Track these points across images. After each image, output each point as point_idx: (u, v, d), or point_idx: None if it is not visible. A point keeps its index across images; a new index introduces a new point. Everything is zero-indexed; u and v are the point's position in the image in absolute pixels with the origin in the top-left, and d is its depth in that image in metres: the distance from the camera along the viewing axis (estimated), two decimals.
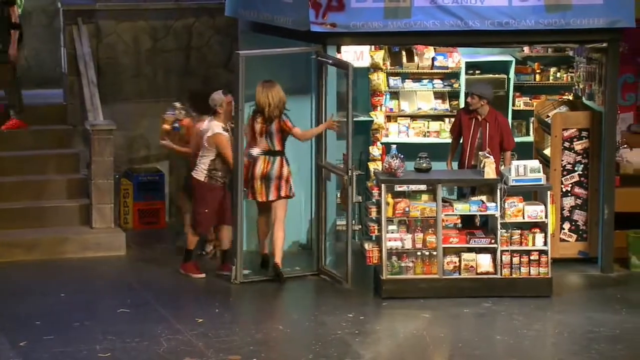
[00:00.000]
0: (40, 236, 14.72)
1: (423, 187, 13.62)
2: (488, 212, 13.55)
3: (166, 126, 14.38)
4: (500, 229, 13.44)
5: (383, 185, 13.48)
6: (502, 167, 13.77)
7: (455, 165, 14.46)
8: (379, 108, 15.28)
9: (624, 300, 13.44)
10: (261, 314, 13.18)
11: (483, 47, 14.99)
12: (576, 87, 15.20)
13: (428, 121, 15.54)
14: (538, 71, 15.66)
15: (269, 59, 14.10)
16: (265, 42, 14.13)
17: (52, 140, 15.63)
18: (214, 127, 13.68)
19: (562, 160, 14.44)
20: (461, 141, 14.35)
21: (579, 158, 14.45)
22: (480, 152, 13.93)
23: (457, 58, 15.45)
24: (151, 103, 15.98)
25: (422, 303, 13.23)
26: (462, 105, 15.31)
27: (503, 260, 13.45)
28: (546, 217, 13.50)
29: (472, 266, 13.48)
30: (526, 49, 15.56)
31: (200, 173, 13.74)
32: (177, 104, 14.48)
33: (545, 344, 12.54)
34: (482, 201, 13.53)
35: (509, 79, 15.48)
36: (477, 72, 15.44)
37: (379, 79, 15.31)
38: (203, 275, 13.95)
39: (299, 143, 14.12)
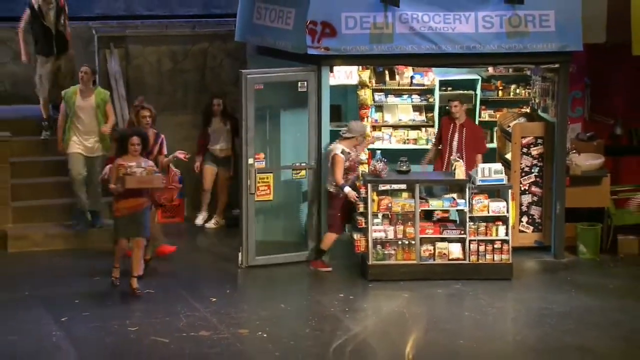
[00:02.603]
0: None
1: (403, 186, 13.66)
2: (458, 208, 13.63)
3: None
4: (469, 221, 13.49)
5: (369, 185, 13.53)
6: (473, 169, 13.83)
7: (430, 167, 14.55)
8: (365, 119, 15.31)
9: (573, 282, 13.50)
10: (266, 294, 13.19)
11: (454, 67, 14.97)
12: (533, 101, 15.22)
13: (407, 130, 15.59)
14: (500, 88, 15.69)
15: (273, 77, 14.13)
16: (269, 63, 14.15)
17: None
18: (335, 148, 13.52)
19: (521, 164, 14.46)
20: (439, 147, 14.48)
21: (535, 162, 14.48)
22: (451, 157, 14.00)
23: (432, 77, 15.48)
24: (172, 115, 16.01)
25: (402, 285, 13.28)
26: (436, 117, 15.38)
27: (471, 248, 13.51)
28: (507, 211, 13.56)
29: (444, 253, 13.52)
30: (490, 69, 15.60)
31: (329, 185, 13.59)
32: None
33: (506, 319, 12.63)
34: (454, 198, 13.59)
35: (476, 94, 15.50)
36: (449, 88, 15.46)
37: (365, 95, 15.35)
38: (330, 268, 13.71)
39: (301, 146, 14.13)
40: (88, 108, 14.08)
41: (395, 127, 15.61)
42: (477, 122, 15.44)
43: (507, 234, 13.54)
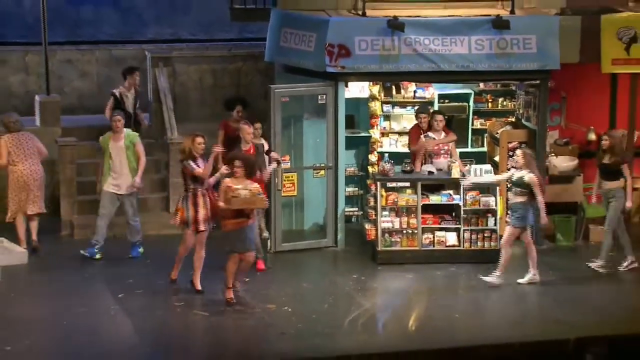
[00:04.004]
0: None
1: (407, 184, 13.66)
2: (454, 202, 13.60)
3: None
4: (463, 214, 13.47)
5: (378, 183, 13.55)
6: (465, 168, 13.79)
7: None
8: (375, 127, 15.29)
9: (551, 265, 13.42)
10: (290, 275, 13.18)
11: (450, 83, 14.95)
12: (517, 112, 15.18)
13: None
14: (490, 100, 15.62)
15: (297, 91, 14.13)
16: (294, 79, 14.14)
17: None
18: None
19: (507, 165, 14.41)
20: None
21: None
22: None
23: (432, 91, 15.43)
24: (212, 123, 15.98)
25: (406, 267, 13.26)
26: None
27: (465, 236, 13.49)
28: (496, 205, 13.54)
29: (442, 241, 13.51)
30: (482, 84, 15.52)
31: None
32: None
33: (494, 296, 12.59)
34: (450, 194, 13.57)
35: (469, 106, 15.44)
36: (446, 101, 15.43)
37: (375, 106, 15.34)
38: None
39: (320, 150, 14.08)
40: (119, 149, 13.42)
41: (400, 133, 15.53)
42: (469, 130, 15.43)
43: (495, 224, 13.52)
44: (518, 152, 12.90)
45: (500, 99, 15.64)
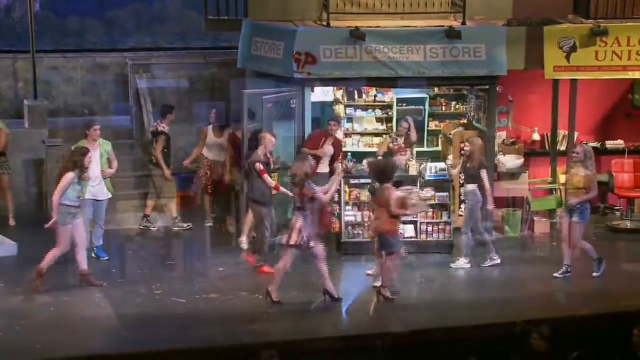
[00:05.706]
0: (116, 214, 14.48)
1: (368, 180, 13.60)
2: None
3: None
4: None
5: (342, 179, 13.49)
6: (421, 166, 13.79)
7: None
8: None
9: (499, 254, 13.39)
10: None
11: (408, 87, 15.02)
12: (469, 114, 15.27)
13: (372, 137, 15.58)
14: (444, 104, 15.73)
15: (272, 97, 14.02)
16: (264, 85, 14.08)
17: (123, 149, 15.44)
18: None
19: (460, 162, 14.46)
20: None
21: None
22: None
23: (391, 95, 15.51)
24: (188, 125, 15.94)
25: (368, 257, 13.17)
26: (394, 126, 15.34)
27: (422, 228, 13.49)
28: (449, 200, 13.56)
29: (401, 232, 13.41)
30: (436, 89, 15.61)
31: None
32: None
33: (448, 281, 12.64)
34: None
35: (424, 109, 15.53)
36: (404, 104, 15.47)
37: (339, 109, 15.35)
38: None
39: (289, 149, 14.01)
40: (95, 158, 12.89)
41: (362, 134, 15.61)
42: (425, 131, 15.47)
43: (449, 218, 13.53)
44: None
45: (453, 103, 15.71)
